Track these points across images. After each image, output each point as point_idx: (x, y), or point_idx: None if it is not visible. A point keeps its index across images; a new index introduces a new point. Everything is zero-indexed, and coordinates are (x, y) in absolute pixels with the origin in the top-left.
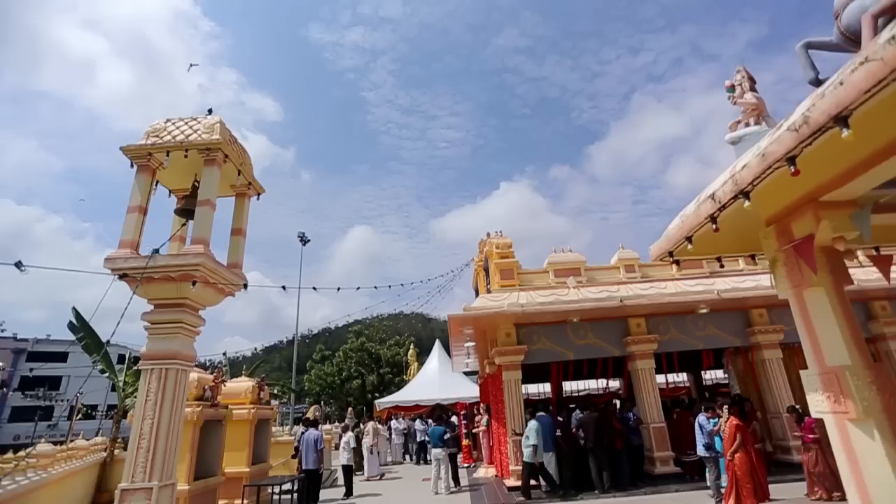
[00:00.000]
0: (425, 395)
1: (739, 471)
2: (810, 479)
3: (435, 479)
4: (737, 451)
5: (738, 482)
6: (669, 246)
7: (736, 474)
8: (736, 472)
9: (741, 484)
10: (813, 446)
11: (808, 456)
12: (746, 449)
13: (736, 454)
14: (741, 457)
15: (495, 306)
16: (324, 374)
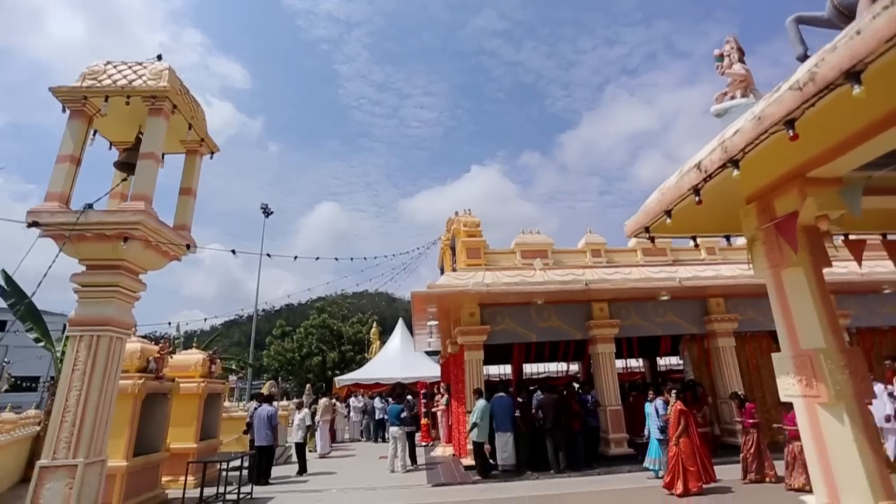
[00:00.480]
0: (386, 374)
1: (684, 454)
2: (745, 463)
3: (391, 458)
4: (681, 436)
5: (683, 465)
6: (646, 220)
7: (681, 458)
8: (681, 456)
9: (686, 467)
10: (752, 430)
11: (745, 439)
12: (690, 433)
13: (680, 438)
14: (685, 441)
15: (460, 285)
16: (283, 350)
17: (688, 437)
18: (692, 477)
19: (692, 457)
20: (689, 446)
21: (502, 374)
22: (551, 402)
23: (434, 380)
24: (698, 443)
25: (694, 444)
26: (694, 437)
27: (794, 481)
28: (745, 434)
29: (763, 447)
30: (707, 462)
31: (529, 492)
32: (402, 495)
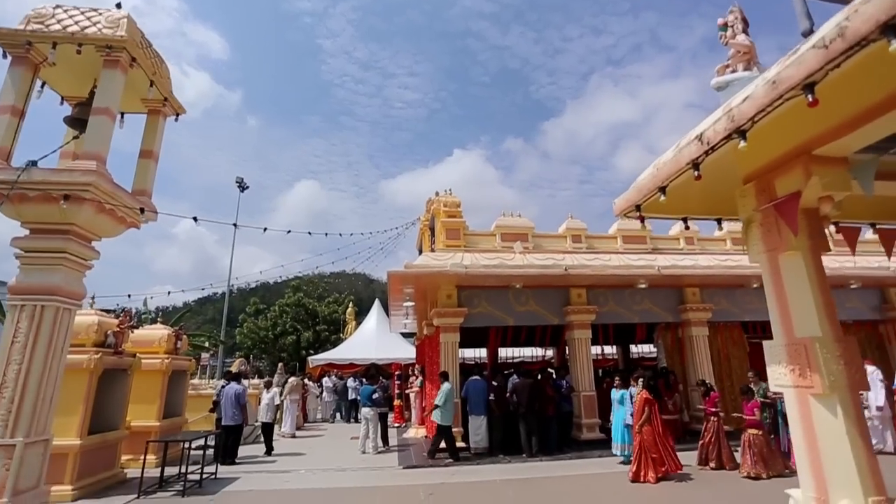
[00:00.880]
0: (361, 354)
1: (646, 442)
2: (704, 450)
3: (363, 439)
4: (644, 424)
5: (644, 453)
6: (638, 198)
7: (643, 445)
8: (643, 443)
9: (647, 454)
10: (713, 419)
11: (706, 427)
12: (653, 421)
13: (643, 427)
14: (648, 429)
15: (438, 265)
16: (257, 328)
17: (651, 425)
18: (653, 464)
19: (654, 445)
20: (652, 434)
21: (477, 357)
22: (526, 387)
23: (409, 361)
24: (661, 431)
25: (656, 433)
26: (657, 426)
27: (748, 469)
28: (707, 422)
29: (722, 435)
30: (671, 450)
31: (500, 475)
32: (373, 477)
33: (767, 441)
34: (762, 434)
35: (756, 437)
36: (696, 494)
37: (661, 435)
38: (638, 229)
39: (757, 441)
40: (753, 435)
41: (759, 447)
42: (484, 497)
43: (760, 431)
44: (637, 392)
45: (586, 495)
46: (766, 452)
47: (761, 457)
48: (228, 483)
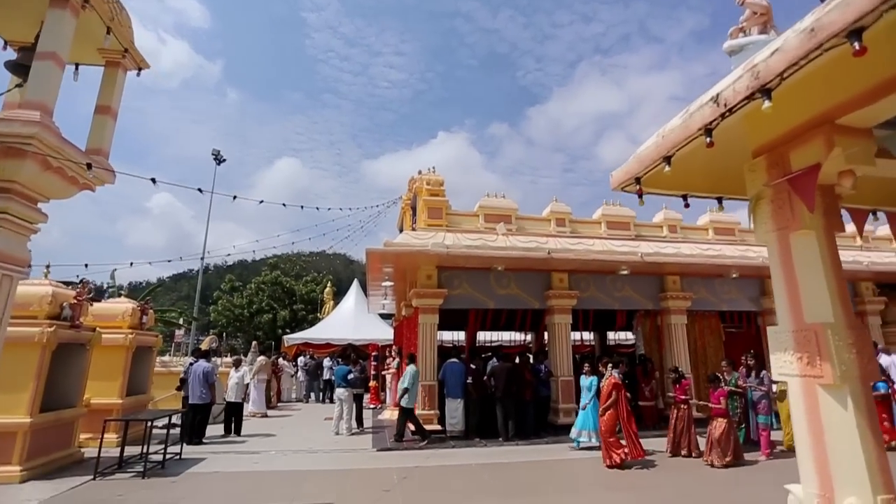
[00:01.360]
0: (338, 334)
1: (604, 426)
2: (673, 437)
3: (336, 420)
4: (609, 409)
5: (605, 438)
6: (639, 169)
7: (601, 430)
8: (601, 428)
9: (604, 439)
10: (683, 406)
11: (676, 415)
12: (618, 407)
13: (608, 411)
14: (611, 414)
15: (419, 244)
16: (232, 305)
17: (615, 410)
18: (611, 447)
19: (612, 430)
20: (614, 419)
21: (456, 340)
22: (504, 370)
23: (386, 343)
24: (625, 417)
25: (620, 418)
26: (622, 412)
27: (712, 458)
28: (677, 409)
29: (691, 423)
30: (633, 436)
31: (476, 459)
32: (345, 459)
33: (731, 430)
34: (727, 423)
35: (720, 426)
36: (659, 481)
37: (626, 421)
38: (622, 215)
39: (721, 430)
40: (718, 423)
41: (723, 436)
42: (459, 481)
43: (725, 420)
44: (606, 377)
45: (562, 480)
46: (728, 441)
47: (724, 446)
48: (194, 464)
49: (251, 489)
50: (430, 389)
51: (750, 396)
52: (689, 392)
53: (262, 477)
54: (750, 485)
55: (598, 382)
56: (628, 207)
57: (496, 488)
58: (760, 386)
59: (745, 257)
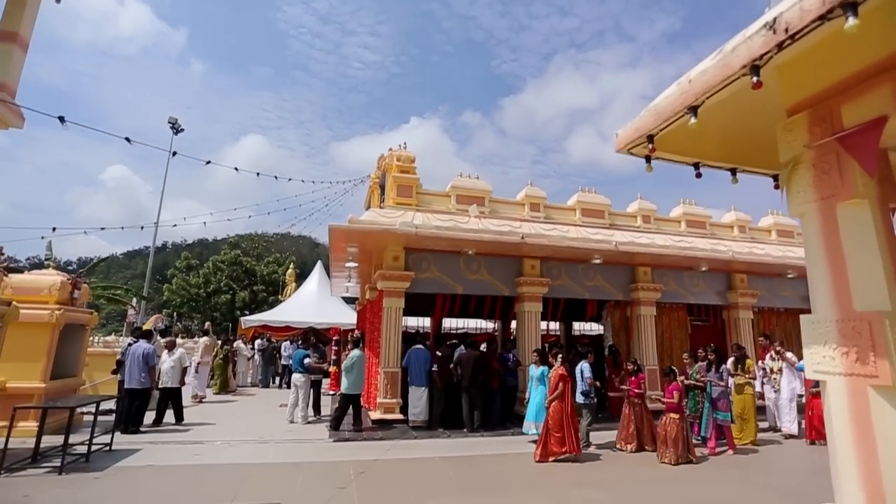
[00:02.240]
0: (299, 317)
1: (552, 420)
2: (624, 432)
3: (291, 407)
4: (555, 401)
5: (549, 430)
6: (654, 124)
7: (548, 423)
8: (548, 421)
9: (551, 432)
10: (637, 401)
11: (630, 409)
12: (565, 400)
13: (553, 403)
14: (557, 406)
15: (386, 223)
16: (187, 284)
17: (561, 403)
18: (556, 442)
19: (559, 424)
20: (560, 413)
21: (421, 326)
22: (471, 358)
23: (349, 327)
24: (569, 411)
25: (564, 412)
26: (566, 405)
27: (662, 454)
28: (631, 404)
29: (647, 417)
30: (575, 432)
31: (440, 452)
32: (297, 450)
33: (682, 426)
34: (678, 419)
35: (672, 422)
36: (626, 476)
37: (569, 415)
38: (597, 203)
39: (673, 426)
40: (671, 419)
41: (673, 432)
42: (421, 477)
43: (678, 416)
44: (554, 368)
45: (531, 476)
46: (678, 438)
47: (674, 442)
48: (124, 456)
49: (186, 486)
50: (393, 377)
51: (709, 390)
52: (643, 386)
53: (202, 471)
54: (700, 482)
55: (548, 373)
56: (603, 195)
57: (461, 485)
58: (720, 381)
59: (715, 250)
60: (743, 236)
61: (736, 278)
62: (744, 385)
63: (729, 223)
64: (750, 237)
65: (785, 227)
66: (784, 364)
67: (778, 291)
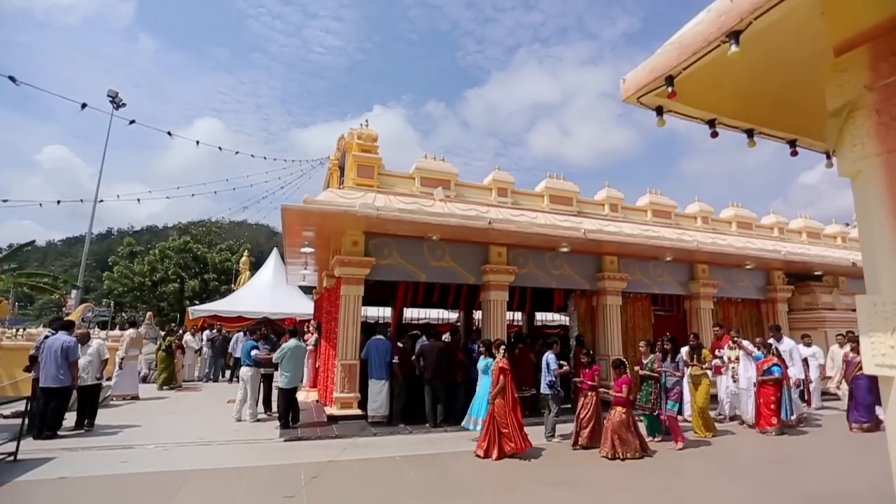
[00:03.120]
0: (253, 307)
1: (498, 415)
2: (578, 426)
3: (239, 404)
4: (497, 396)
5: (497, 425)
6: (678, 60)
7: (494, 418)
8: (493, 417)
9: (498, 427)
10: (590, 394)
11: (583, 402)
12: (506, 394)
13: (496, 398)
14: (500, 402)
15: (345, 204)
16: (131, 272)
17: (503, 398)
18: (506, 439)
19: (505, 419)
20: (504, 408)
21: (381, 316)
22: (435, 350)
23: (306, 317)
24: (511, 405)
25: (507, 406)
26: (508, 399)
27: (608, 450)
28: (584, 397)
29: (599, 412)
30: (518, 426)
31: (401, 450)
32: (243, 453)
33: (630, 421)
34: (625, 412)
35: (619, 416)
36: (577, 474)
37: (511, 409)
38: (566, 189)
39: (620, 420)
40: (618, 413)
41: (621, 427)
42: (380, 481)
43: (625, 409)
44: (496, 360)
45: (499, 476)
46: (626, 433)
47: (621, 437)
48: (32, 468)
49: (103, 501)
50: (351, 369)
51: (664, 380)
52: (596, 378)
53: (126, 482)
54: (668, 476)
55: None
56: (571, 182)
57: (424, 488)
58: (676, 371)
59: (681, 240)
60: (706, 227)
61: (698, 268)
62: (700, 376)
63: (693, 214)
64: (712, 228)
65: (744, 219)
66: (741, 352)
67: (736, 282)
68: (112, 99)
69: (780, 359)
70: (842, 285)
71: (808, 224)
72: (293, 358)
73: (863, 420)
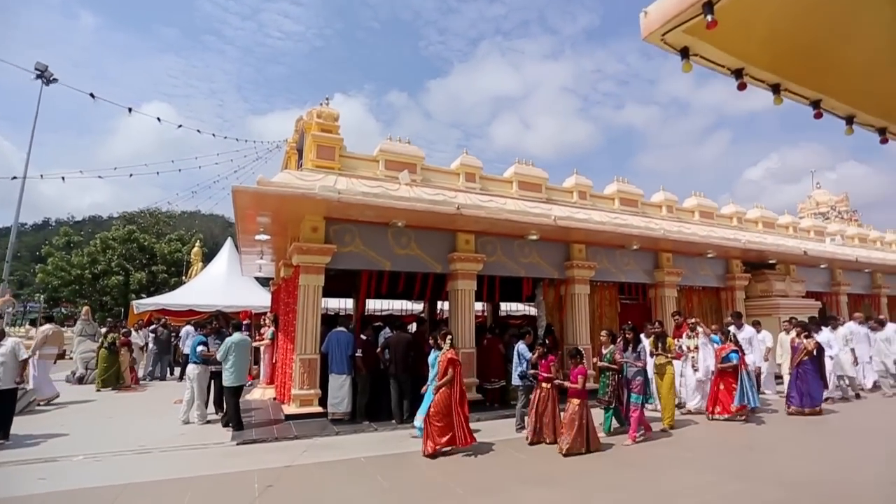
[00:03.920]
0: (205, 300)
1: (434, 407)
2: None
3: (186, 404)
4: (442, 387)
5: (430, 419)
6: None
7: (429, 411)
8: (430, 409)
9: (432, 421)
10: (546, 386)
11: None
12: (453, 386)
13: (440, 389)
14: (444, 393)
15: (303, 186)
16: (68, 265)
17: (449, 389)
18: (437, 433)
19: (442, 412)
20: (447, 400)
21: (343, 308)
22: (402, 342)
23: (263, 310)
24: (458, 398)
25: (453, 399)
26: (455, 392)
27: (564, 444)
28: (539, 389)
29: (556, 406)
30: (464, 420)
31: (366, 451)
32: (189, 460)
33: (585, 413)
34: (580, 404)
35: (575, 409)
36: (553, 470)
37: (458, 402)
38: (535, 176)
39: (576, 413)
40: (573, 406)
41: (576, 420)
42: (343, 486)
43: (581, 401)
44: (443, 351)
45: (472, 475)
46: (582, 427)
47: (577, 430)
48: None
49: None
50: (311, 364)
51: (625, 371)
52: (552, 370)
53: (44, 502)
54: (641, 469)
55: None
56: (540, 169)
57: (392, 493)
58: (637, 361)
59: (648, 228)
60: (671, 216)
61: (663, 257)
62: (665, 365)
63: (658, 203)
64: (676, 217)
65: (706, 209)
66: (700, 340)
67: (698, 270)
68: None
69: (737, 345)
70: (793, 273)
71: (763, 214)
72: (237, 352)
73: (806, 405)
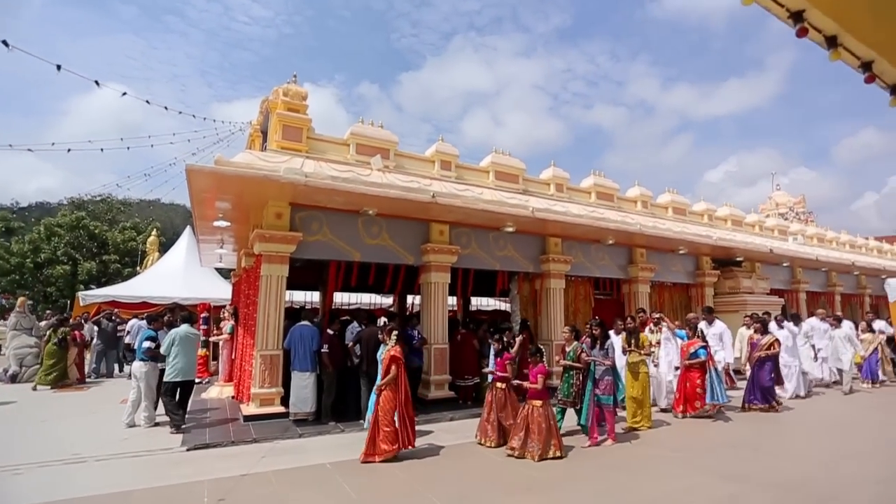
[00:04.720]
0: (161, 292)
1: (381, 410)
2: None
3: (132, 406)
4: (386, 387)
5: (378, 422)
6: None
7: (377, 413)
8: (377, 411)
9: (379, 425)
10: (500, 386)
11: (493, 396)
12: (398, 386)
13: (384, 390)
14: (388, 395)
15: (267, 167)
16: (7, 252)
17: (394, 390)
18: (384, 439)
19: (390, 414)
20: (392, 402)
21: (309, 302)
22: (373, 336)
23: (223, 303)
24: (403, 399)
25: (398, 401)
26: (401, 392)
27: (516, 448)
28: (492, 390)
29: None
30: (410, 423)
31: (330, 455)
32: (131, 470)
33: (547, 415)
34: (542, 406)
35: (534, 411)
36: (540, 476)
37: (403, 403)
38: (512, 166)
39: (534, 416)
40: (533, 407)
41: (534, 423)
42: (307, 499)
43: (541, 403)
44: (388, 347)
45: (450, 482)
46: (540, 430)
47: (536, 435)
48: None
49: None
50: (273, 361)
51: (593, 369)
52: (508, 368)
53: None
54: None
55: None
56: (517, 159)
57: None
58: (605, 360)
59: (624, 222)
60: (645, 211)
61: (637, 252)
62: (639, 363)
63: (633, 198)
64: (651, 212)
65: (679, 205)
66: (663, 335)
67: (670, 266)
68: None
69: (704, 341)
70: (758, 271)
71: (732, 212)
72: (182, 345)
73: (762, 401)
